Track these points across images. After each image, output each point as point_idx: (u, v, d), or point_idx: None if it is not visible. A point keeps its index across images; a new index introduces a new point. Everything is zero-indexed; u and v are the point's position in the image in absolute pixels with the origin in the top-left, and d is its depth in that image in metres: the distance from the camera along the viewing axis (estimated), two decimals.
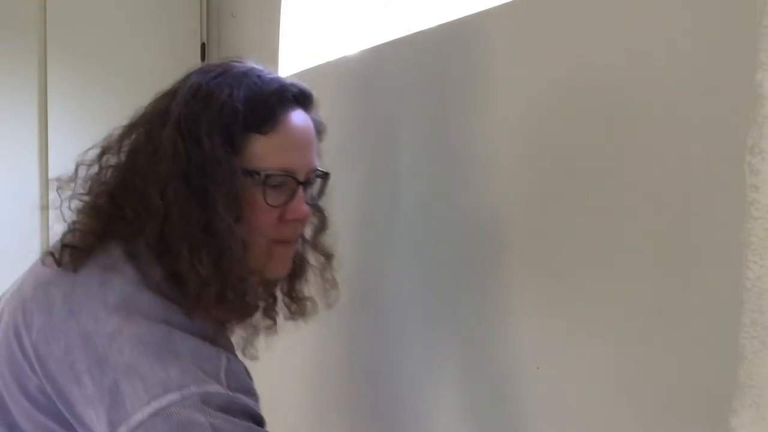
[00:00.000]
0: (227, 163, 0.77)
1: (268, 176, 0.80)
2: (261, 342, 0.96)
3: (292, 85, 0.83)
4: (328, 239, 0.95)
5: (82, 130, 2.10)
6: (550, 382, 0.86)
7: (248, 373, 0.78)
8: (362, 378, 1.33)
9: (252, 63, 0.84)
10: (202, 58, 2.37)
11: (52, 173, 2.04)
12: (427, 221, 1.14)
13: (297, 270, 0.94)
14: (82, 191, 0.84)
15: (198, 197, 0.77)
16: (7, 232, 1.81)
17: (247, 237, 0.79)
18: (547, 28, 0.87)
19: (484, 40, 1.00)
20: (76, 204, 0.83)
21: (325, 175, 0.89)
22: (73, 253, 0.78)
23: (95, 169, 0.84)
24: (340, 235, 0.97)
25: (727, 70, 0.61)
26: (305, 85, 0.85)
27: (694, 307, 0.64)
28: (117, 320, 0.73)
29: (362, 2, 1.43)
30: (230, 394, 0.72)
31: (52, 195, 0.84)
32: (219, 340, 0.78)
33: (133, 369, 0.71)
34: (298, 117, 0.83)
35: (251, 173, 0.79)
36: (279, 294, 0.94)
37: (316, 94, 0.86)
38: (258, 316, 0.92)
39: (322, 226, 0.94)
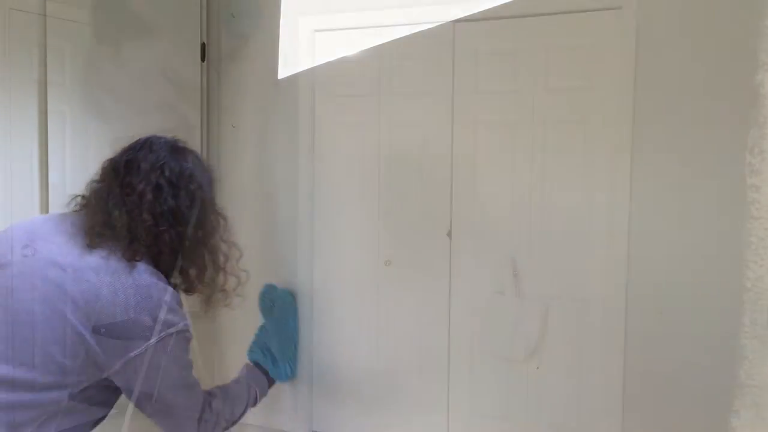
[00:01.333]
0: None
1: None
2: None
3: None
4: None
5: (82, 130, 2.10)
6: (549, 380, 0.85)
7: None
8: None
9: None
10: (202, 58, 2.37)
11: (53, 172, 2.04)
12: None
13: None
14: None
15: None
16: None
17: None
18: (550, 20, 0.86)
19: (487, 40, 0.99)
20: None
21: None
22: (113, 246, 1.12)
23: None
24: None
25: (727, 70, 0.61)
26: None
27: (694, 306, 0.64)
28: (131, 280, 1.09)
29: (362, 2, 1.43)
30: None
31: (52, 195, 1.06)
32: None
33: (149, 309, 1.07)
34: None
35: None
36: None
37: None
38: None
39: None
